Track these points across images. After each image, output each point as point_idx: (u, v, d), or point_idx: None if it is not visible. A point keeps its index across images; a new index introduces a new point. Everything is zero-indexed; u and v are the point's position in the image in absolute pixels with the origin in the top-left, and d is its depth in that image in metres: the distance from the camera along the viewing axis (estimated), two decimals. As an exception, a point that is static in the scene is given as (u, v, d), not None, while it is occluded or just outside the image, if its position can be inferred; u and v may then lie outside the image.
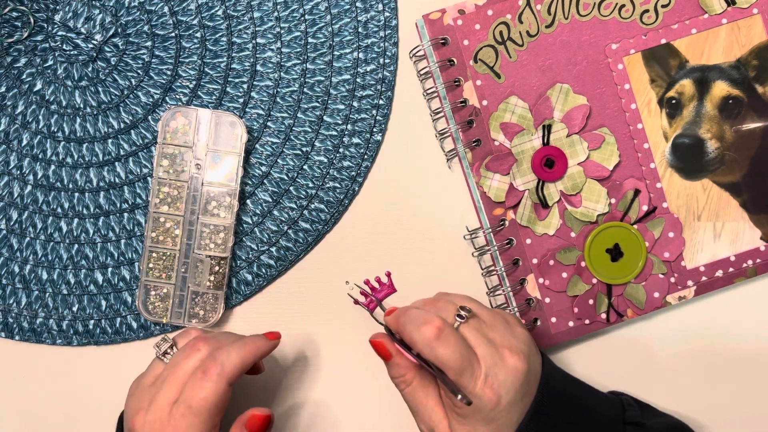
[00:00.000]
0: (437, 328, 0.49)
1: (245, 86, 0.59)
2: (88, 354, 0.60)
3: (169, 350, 0.53)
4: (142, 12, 0.58)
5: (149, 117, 0.59)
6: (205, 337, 0.53)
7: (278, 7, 0.58)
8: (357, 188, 0.59)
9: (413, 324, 0.50)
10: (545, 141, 0.58)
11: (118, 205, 0.59)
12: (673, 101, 0.58)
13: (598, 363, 0.60)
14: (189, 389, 0.50)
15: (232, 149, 0.57)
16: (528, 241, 0.58)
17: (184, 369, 0.51)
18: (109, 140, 0.59)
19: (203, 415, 0.49)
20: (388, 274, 0.60)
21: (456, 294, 0.55)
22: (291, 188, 0.59)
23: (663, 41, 0.58)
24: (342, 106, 0.59)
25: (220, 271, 0.58)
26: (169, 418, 0.50)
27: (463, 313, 0.50)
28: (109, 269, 0.59)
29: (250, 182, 0.59)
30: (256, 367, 0.56)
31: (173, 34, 0.58)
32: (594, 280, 0.58)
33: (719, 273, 0.59)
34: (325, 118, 0.59)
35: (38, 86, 0.58)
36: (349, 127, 0.59)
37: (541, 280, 0.58)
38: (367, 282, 0.60)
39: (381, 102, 0.59)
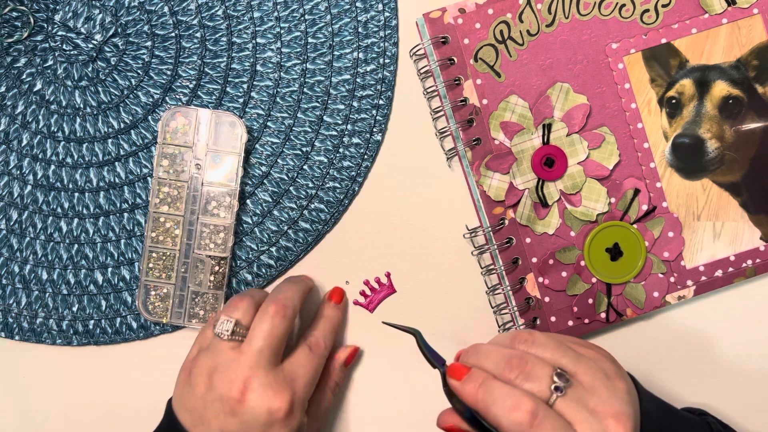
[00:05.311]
0: (530, 413, 0.42)
1: (245, 86, 0.58)
2: (88, 354, 0.60)
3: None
4: (142, 12, 0.58)
5: (149, 117, 0.59)
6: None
7: (278, 7, 0.58)
8: (357, 188, 0.59)
9: (500, 406, 0.43)
10: (545, 140, 0.58)
11: (118, 205, 0.59)
12: (673, 101, 0.58)
13: (597, 362, 0.60)
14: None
15: (232, 149, 0.57)
16: (528, 240, 0.58)
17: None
18: (109, 140, 0.59)
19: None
20: (388, 275, 0.60)
21: (542, 340, 0.46)
22: (291, 188, 0.59)
23: (663, 41, 0.58)
24: (342, 106, 0.59)
25: (220, 271, 0.58)
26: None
27: (560, 383, 0.44)
28: (109, 269, 0.59)
29: (250, 182, 0.59)
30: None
31: (173, 34, 0.58)
32: (593, 280, 0.58)
33: (719, 273, 0.59)
34: (325, 118, 0.59)
35: (38, 86, 0.58)
36: (349, 127, 0.59)
37: (540, 279, 0.58)
38: (366, 282, 0.60)
39: (381, 102, 0.59)
